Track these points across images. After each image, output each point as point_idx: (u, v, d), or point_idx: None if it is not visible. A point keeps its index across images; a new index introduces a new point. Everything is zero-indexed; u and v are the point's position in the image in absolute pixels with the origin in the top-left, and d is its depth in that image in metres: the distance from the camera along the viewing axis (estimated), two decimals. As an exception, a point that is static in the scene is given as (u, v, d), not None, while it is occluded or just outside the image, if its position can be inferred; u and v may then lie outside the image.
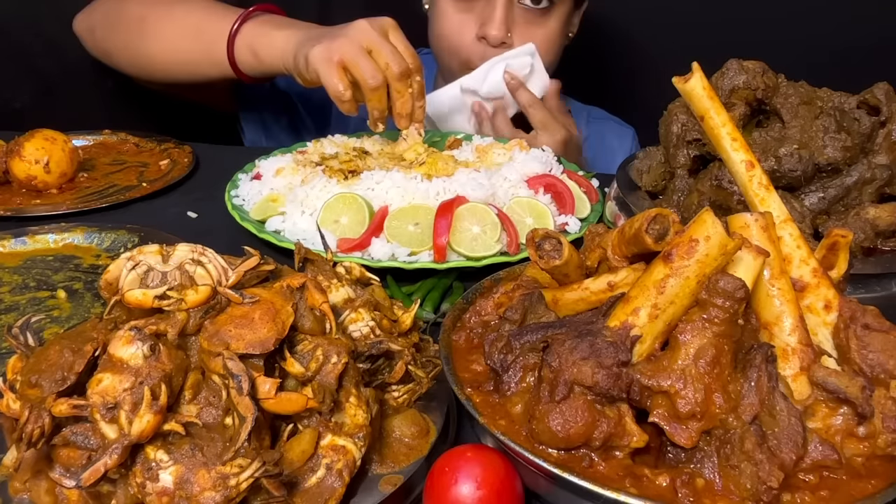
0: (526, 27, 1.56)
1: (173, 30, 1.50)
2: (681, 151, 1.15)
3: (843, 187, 1.05)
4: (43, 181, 1.37)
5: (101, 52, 1.66)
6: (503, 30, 1.52)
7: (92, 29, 1.65)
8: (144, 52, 1.55)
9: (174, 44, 1.50)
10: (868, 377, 0.64)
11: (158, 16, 1.52)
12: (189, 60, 1.50)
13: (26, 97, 2.02)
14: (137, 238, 1.17)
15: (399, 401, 0.74)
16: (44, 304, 1.02)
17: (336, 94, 1.24)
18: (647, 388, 0.62)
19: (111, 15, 1.61)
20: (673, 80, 0.76)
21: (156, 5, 1.54)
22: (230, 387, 0.59)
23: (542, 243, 0.74)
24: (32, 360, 0.62)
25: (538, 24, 1.57)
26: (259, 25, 1.40)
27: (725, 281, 0.61)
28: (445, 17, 1.58)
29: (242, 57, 1.41)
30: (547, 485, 0.65)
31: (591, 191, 1.30)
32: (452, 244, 1.07)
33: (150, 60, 1.55)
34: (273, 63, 1.37)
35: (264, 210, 1.19)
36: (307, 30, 1.35)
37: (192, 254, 0.69)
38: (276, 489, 0.58)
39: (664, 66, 0.90)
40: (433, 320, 0.99)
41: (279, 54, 1.35)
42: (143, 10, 1.54)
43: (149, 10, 1.54)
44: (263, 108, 1.75)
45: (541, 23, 1.57)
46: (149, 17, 1.53)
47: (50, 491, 0.61)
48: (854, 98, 1.05)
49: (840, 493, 0.60)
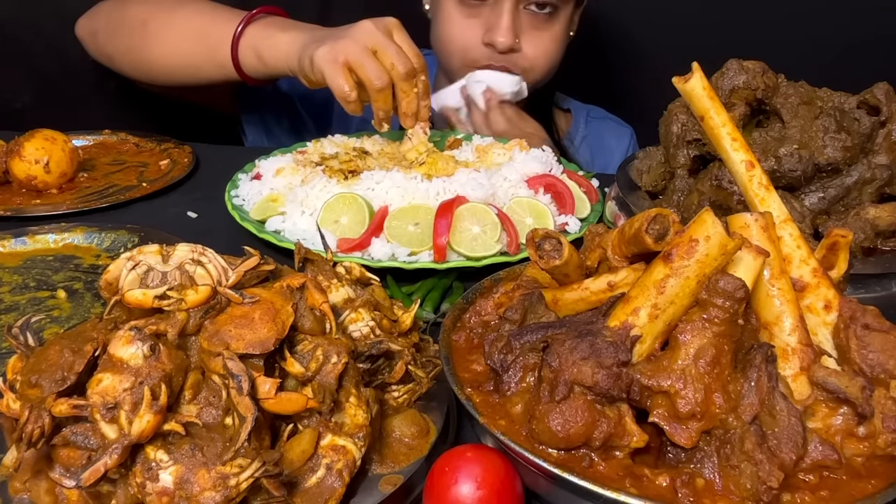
0: (532, 32, 1.57)
1: (176, 33, 1.50)
2: (681, 151, 1.15)
3: (843, 187, 1.05)
4: (43, 181, 1.37)
5: (103, 56, 1.66)
6: (510, 36, 1.53)
7: (94, 33, 1.65)
8: (147, 55, 1.55)
9: (177, 47, 1.50)
10: (868, 377, 0.64)
11: (161, 19, 1.52)
12: (192, 64, 1.49)
13: (26, 97, 2.02)
14: (137, 238, 1.17)
15: (399, 401, 0.74)
16: (44, 304, 1.02)
17: (342, 94, 1.24)
18: (647, 388, 0.62)
19: (113, 19, 1.61)
20: (673, 80, 0.76)
21: (158, 9, 1.54)
22: (230, 387, 0.59)
23: (542, 243, 0.74)
24: (32, 360, 0.62)
25: (544, 28, 1.57)
26: (263, 28, 1.40)
27: (725, 281, 0.61)
28: (451, 22, 1.58)
29: (247, 60, 1.41)
30: (547, 485, 0.65)
31: (591, 191, 1.30)
32: (452, 244, 1.07)
33: (153, 64, 1.55)
34: (277, 65, 1.37)
35: (264, 210, 1.19)
36: (311, 31, 1.35)
37: (192, 254, 0.69)
38: (276, 489, 0.58)
39: (664, 66, 0.91)
40: (433, 320, 0.99)
41: (283, 56, 1.35)
42: (146, 13, 1.54)
43: (151, 13, 1.54)
44: (265, 110, 1.75)
45: (546, 27, 1.58)
46: (151, 20, 1.53)
47: (50, 491, 0.61)
48: (854, 98, 1.05)
49: (840, 493, 0.60)
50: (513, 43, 1.53)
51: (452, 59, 1.63)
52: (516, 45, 1.55)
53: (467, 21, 1.57)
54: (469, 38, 1.57)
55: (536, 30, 1.57)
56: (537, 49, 1.59)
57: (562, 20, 1.60)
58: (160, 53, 1.53)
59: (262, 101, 1.73)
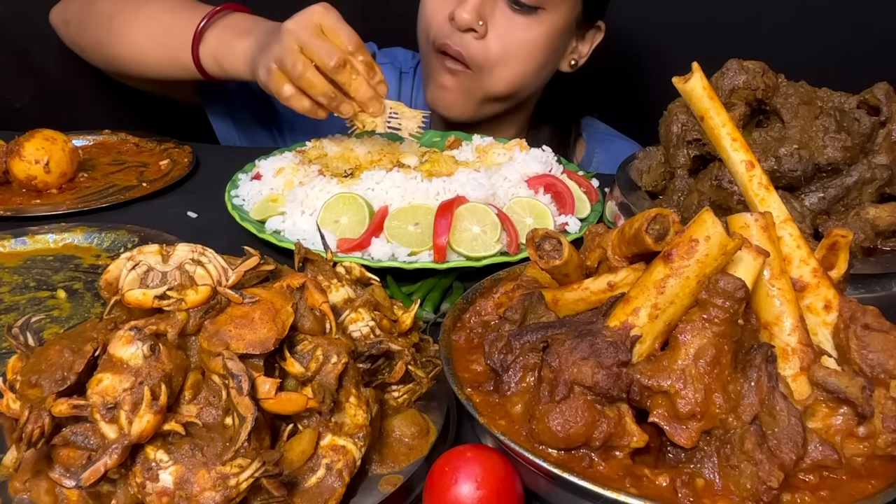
0: (505, 25, 1.45)
1: (140, 31, 1.49)
2: (681, 151, 1.15)
3: (843, 187, 1.05)
4: (43, 181, 1.37)
5: (74, 46, 1.66)
6: (473, 14, 1.41)
7: (67, 22, 1.65)
8: (113, 50, 1.54)
9: (141, 45, 1.49)
10: (868, 377, 0.64)
11: (125, 15, 1.51)
12: (156, 62, 1.49)
13: (26, 97, 2.02)
14: (137, 238, 1.17)
15: (399, 401, 0.74)
16: (44, 304, 1.02)
17: (283, 97, 1.21)
18: (647, 388, 0.62)
19: (84, 10, 1.60)
20: (673, 80, 0.76)
21: (125, 4, 1.52)
22: (230, 387, 0.59)
23: (542, 243, 0.74)
24: (32, 360, 0.62)
25: (520, 27, 1.45)
26: (221, 33, 1.39)
27: (725, 281, 0.61)
28: None
29: (208, 66, 1.41)
30: (547, 485, 0.65)
31: (591, 191, 1.30)
32: (452, 244, 1.07)
33: (119, 59, 1.54)
34: (238, 74, 1.37)
35: (264, 210, 1.19)
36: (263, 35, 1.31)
37: (192, 254, 0.69)
38: (276, 489, 0.58)
39: (664, 66, 0.91)
40: (433, 320, 0.99)
41: (241, 66, 1.34)
42: (113, 8, 1.53)
43: (118, 8, 1.52)
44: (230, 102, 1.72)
45: (523, 27, 1.45)
46: (117, 15, 1.52)
47: (50, 491, 0.61)
48: (854, 98, 1.05)
49: (840, 493, 0.60)
50: (474, 22, 1.42)
51: (421, 38, 1.55)
52: (479, 27, 1.43)
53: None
54: (438, 13, 1.48)
55: (510, 25, 1.45)
56: (505, 46, 1.46)
57: (543, 29, 1.47)
58: (125, 50, 1.52)
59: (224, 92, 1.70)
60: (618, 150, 1.66)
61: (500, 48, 1.46)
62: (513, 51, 1.47)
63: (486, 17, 1.44)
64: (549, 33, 1.49)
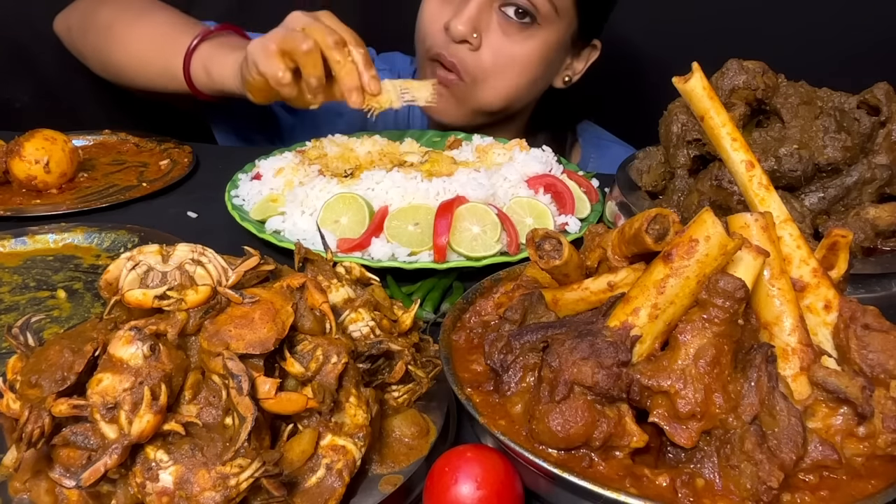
0: (500, 38, 1.46)
1: (137, 41, 1.51)
2: (681, 151, 1.15)
3: (843, 187, 1.05)
4: (43, 181, 1.37)
5: (76, 52, 1.68)
6: (469, 26, 1.42)
7: (69, 29, 1.67)
8: (111, 59, 1.56)
9: (137, 55, 1.51)
10: (868, 377, 0.64)
11: (124, 25, 1.52)
12: (151, 72, 1.50)
13: (26, 97, 2.02)
14: (137, 238, 1.17)
15: (399, 401, 0.74)
16: (44, 304, 1.02)
17: (276, 79, 1.19)
18: (647, 388, 0.62)
19: (85, 18, 1.62)
20: (673, 80, 0.76)
21: (124, 13, 1.54)
22: (230, 387, 0.59)
23: (542, 243, 0.74)
24: (32, 360, 0.62)
25: (514, 40, 1.46)
26: (216, 47, 1.40)
27: (725, 281, 0.61)
28: (426, 4, 1.53)
29: (197, 75, 1.40)
30: (547, 485, 0.65)
31: (591, 191, 1.30)
32: (452, 244, 1.07)
33: (117, 67, 1.56)
34: (224, 82, 1.36)
35: (264, 210, 1.19)
36: None
37: (192, 254, 0.69)
38: (276, 489, 0.58)
39: (664, 66, 0.91)
40: (433, 320, 0.99)
41: (229, 73, 1.34)
42: (113, 17, 1.55)
43: (118, 18, 1.54)
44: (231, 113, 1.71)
45: (517, 40, 1.46)
46: (116, 24, 1.53)
47: (50, 491, 0.61)
48: (854, 98, 1.05)
49: (840, 493, 0.60)
50: (468, 34, 1.42)
51: (417, 47, 1.56)
52: (473, 39, 1.44)
53: (440, 7, 1.50)
54: (434, 23, 1.49)
55: (505, 38, 1.46)
56: (498, 59, 1.47)
57: (538, 44, 1.48)
58: (122, 59, 1.53)
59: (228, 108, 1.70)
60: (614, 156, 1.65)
61: (494, 61, 1.47)
62: (506, 64, 1.48)
63: (481, 30, 1.45)
64: (543, 49, 1.50)
